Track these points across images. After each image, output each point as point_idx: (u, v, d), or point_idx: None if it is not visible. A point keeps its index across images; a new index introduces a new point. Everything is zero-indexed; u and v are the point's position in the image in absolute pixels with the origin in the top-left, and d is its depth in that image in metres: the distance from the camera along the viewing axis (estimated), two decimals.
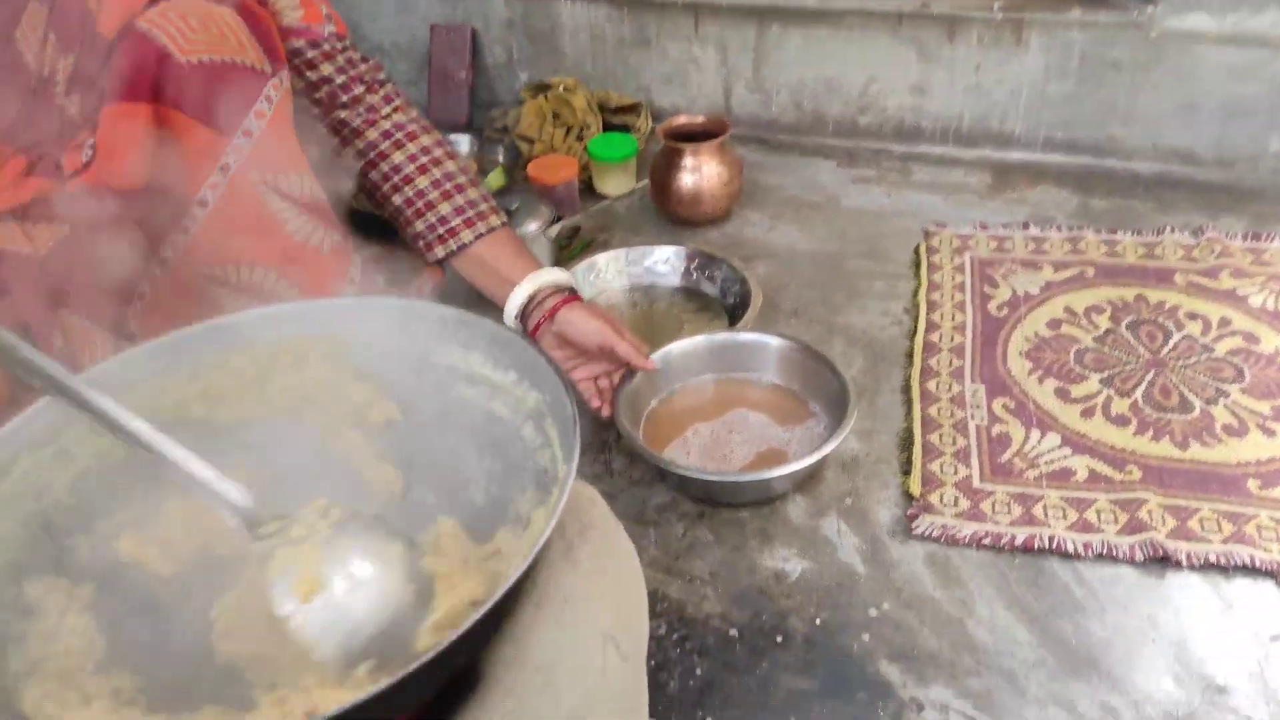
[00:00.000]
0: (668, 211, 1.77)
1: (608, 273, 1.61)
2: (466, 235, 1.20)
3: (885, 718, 0.97)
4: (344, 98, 1.17)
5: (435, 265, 1.24)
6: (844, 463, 1.25)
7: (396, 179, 1.20)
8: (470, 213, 1.21)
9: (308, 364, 0.71)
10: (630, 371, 1.26)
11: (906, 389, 1.35)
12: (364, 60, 1.21)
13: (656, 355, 1.29)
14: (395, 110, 1.21)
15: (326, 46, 1.17)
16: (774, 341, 1.33)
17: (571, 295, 1.23)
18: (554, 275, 1.22)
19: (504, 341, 0.66)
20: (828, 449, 1.15)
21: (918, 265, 1.60)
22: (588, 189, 1.93)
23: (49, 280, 0.97)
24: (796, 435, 1.26)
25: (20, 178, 1.00)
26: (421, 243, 1.21)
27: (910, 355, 1.41)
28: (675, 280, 1.60)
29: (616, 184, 1.90)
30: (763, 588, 1.11)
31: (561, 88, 2.04)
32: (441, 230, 1.20)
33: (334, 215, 1.18)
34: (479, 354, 0.67)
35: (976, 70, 1.81)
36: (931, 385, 1.35)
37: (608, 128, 2.05)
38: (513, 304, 1.21)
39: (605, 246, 1.72)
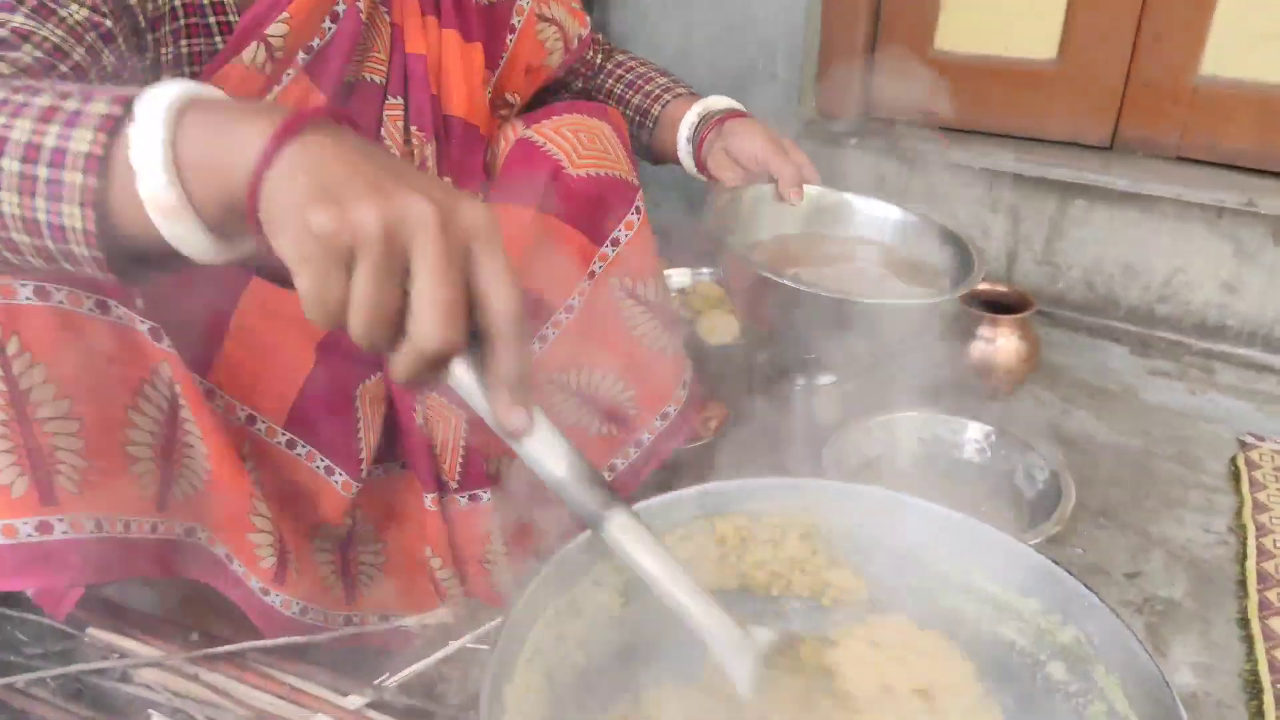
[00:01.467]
0: (957, 379, 1.72)
1: (901, 433, 1.57)
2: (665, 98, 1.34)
3: None
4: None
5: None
6: (1182, 698, 1.16)
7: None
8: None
9: (786, 540, 0.70)
10: None
11: (1244, 623, 1.25)
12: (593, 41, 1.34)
13: None
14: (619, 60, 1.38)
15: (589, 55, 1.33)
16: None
17: (738, 113, 1.30)
18: (726, 101, 1.33)
19: (1028, 564, 0.60)
20: None
21: (1237, 479, 1.50)
22: None
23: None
24: None
25: None
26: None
27: (1243, 584, 1.31)
28: (973, 457, 1.55)
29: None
30: None
31: None
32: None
33: (677, 321, 1.20)
34: (983, 568, 0.64)
35: None
36: (1274, 624, 1.24)
37: None
38: (686, 123, 1.30)
39: (888, 408, 1.68)
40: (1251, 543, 1.37)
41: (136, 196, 0.55)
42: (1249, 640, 1.22)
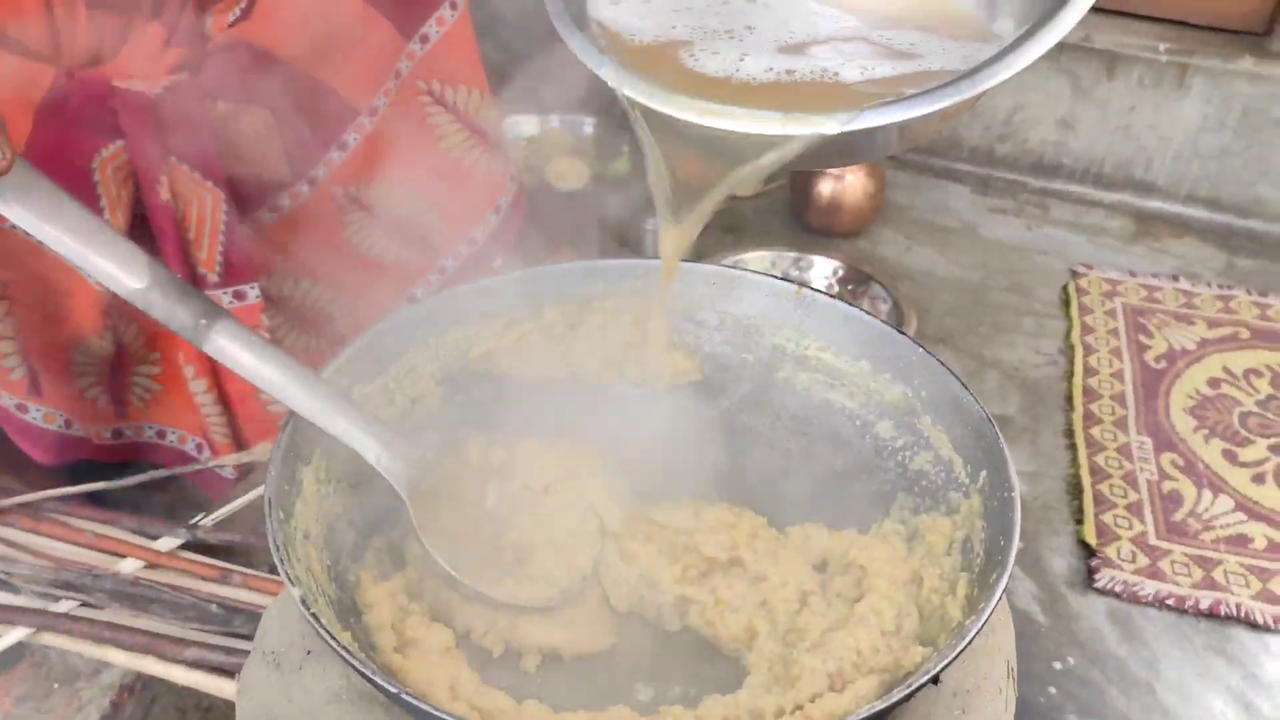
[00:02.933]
0: (803, 219, 1.72)
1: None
2: None
3: None
4: None
5: None
6: None
7: None
8: None
9: (618, 324, 0.66)
10: None
11: (1069, 433, 1.31)
12: None
13: None
14: None
15: None
16: None
17: None
18: None
19: (861, 328, 0.59)
20: None
21: (1067, 305, 1.56)
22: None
23: (159, 121, 0.87)
24: None
25: (159, 49, 0.91)
26: None
27: (1070, 399, 1.37)
28: None
29: (745, 183, 1.85)
30: None
31: None
32: None
33: (502, 145, 1.12)
34: (818, 338, 0.62)
35: (1130, 111, 1.77)
36: (1096, 432, 1.31)
37: None
38: None
39: (734, 248, 1.67)
40: (1079, 361, 1.43)
41: None
42: (1073, 449, 1.28)
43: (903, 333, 0.58)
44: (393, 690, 0.39)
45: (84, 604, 0.84)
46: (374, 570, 0.53)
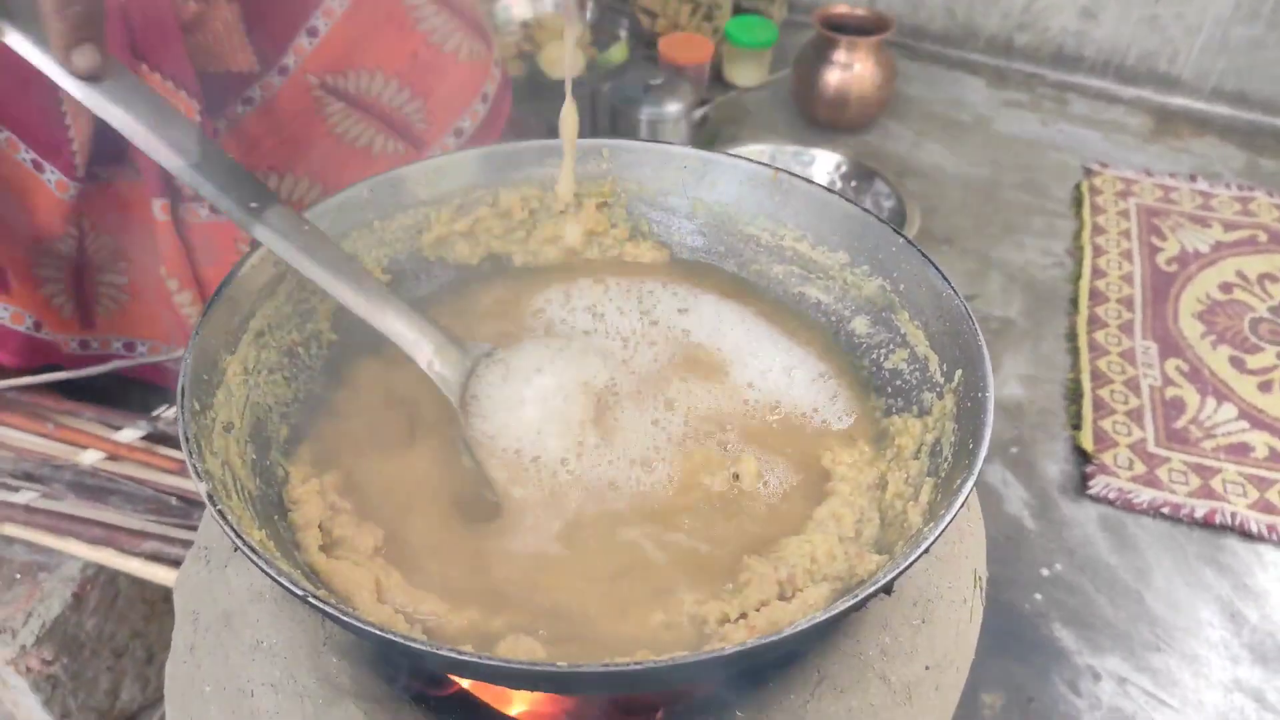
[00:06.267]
0: (808, 111, 1.65)
1: None
2: None
3: (1060, 683, 0.92)
4: None
5: None
6: (1008, 408, 1.18)
7: None
8: None
9: (581, 210, 0.62)
10: None
11: (1072, 337, 1.27)
12: None
13: None
14: None
15: None
16: None
17: None
18: None
19: (840, 216, 0.54)
20: None
21: (1079, 204, 1.50)
22: (714, 76, 1.79)
23: (129, 28, 0.83)
24: None
25: None
26: None
27: (1075, 301, 1.32)
28: None
29: (749, 73, 1.76)
30: None
31: None
32: None
33: (484, 24, 1.05)
34: (795, 226, 0.57)
35: (1157, 1, 1.67)
36: (1100, 336, 1.26)
37: (737, 11, 1.90)
38: None
39: (733, 141, 1.60)
40: (1087, 263, 1.38)
41: None
42: (1075, 353, 1.24)
43: (882, 221, 0.53)
44: (297, 592, 0.36)
45: (44, 495, 0.82)
46: (306, 467, 0.50)
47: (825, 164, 1.48)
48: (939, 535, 0.40)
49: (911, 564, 0.39)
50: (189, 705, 0.48)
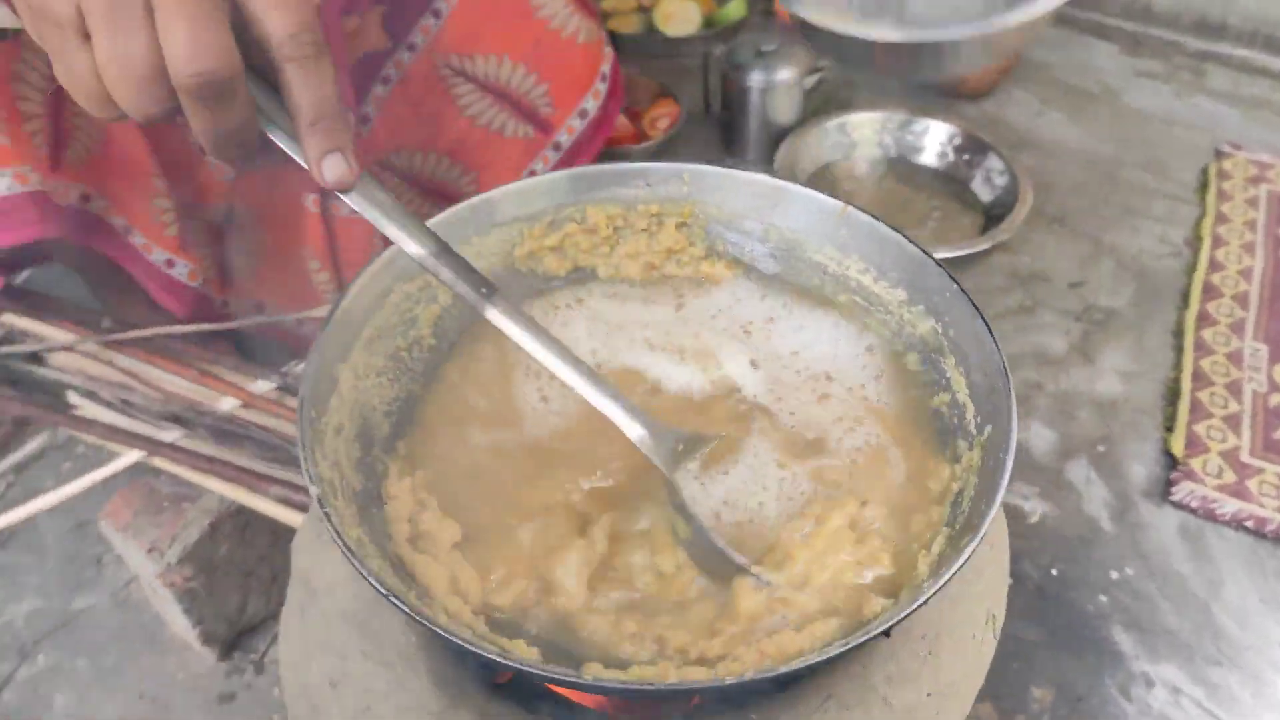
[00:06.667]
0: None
1: (860, 136, 1.49)
2: None
3: (1112, 685, 0.95)
4: None
5: None
6: (1100, 404, 1.17)
7: None
8: None
9: (663, 229, 0.66)
10: None
11: (1179, 333, 1.24)
12: None
13: None
14: None
15: None
16: None
17: None
18: None
19: (898, 254, 0.57)
20: None
21: (1205, 190, 1.44)
22: None
23: None
24: None
25: None
26: None
27: (1187, 295, 1.29)
28: (932, 160, 1.48)
29: None
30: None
31: None
32: None
33: (593, 5, 1.09)
34: (860, 258, 0.60)
35: None
36: (1208, 335, 1.23)
37: None
38: None
39: (847, 106, 1.59)
40: (1205, 254, 1.34)
41: None
42: (1179, 350, 1.22)
43: (940, 265, 0.56)
44: (381, 590, 0.43)
45: (187, 435, 0.94)
46: (401, 463, 0.57)
47: (938, 135, 1.47)
48: (937, 591, 0.44)
49: (910, 614, 0.43)
50: (295, 658, 0.56)
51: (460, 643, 0.42)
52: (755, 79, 1.45)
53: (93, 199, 0.88)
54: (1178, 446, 1.11)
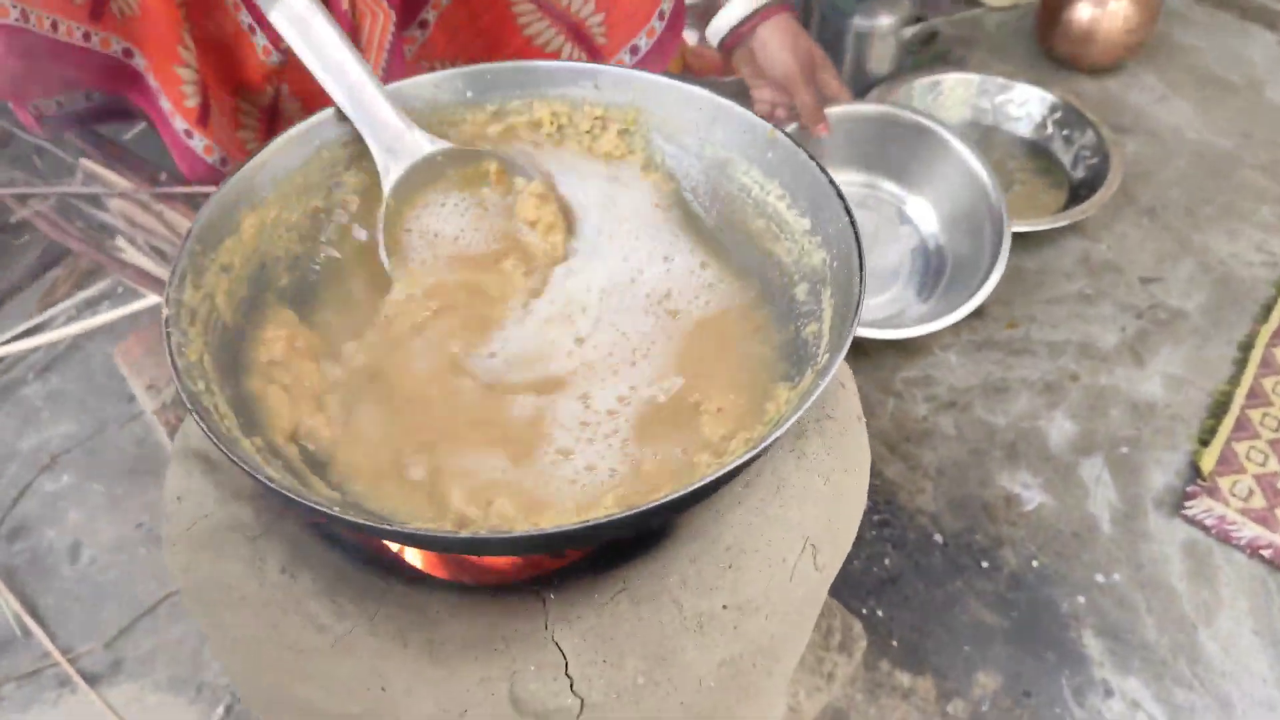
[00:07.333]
0: (1048, 43, 1.52)
1: (951, 98, 1.43)
2: None
3: (1067, 687, 0.90)
4: None
5: None
6: (1136, 406, 1.10)
7: None
8: None
9: (606, 134, 0.66)
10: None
11: (1246, 347, 1.14)
12: None
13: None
14: None
15: None
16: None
17: (779, 7, 1.14)
18: None
19: (811, 182, 0.56)
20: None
21: None
22: None
23: None
24: None
25: None
26: None
27: (1269, 309, 1.18)
28: (1025, 130, 1.40)
29: None
30: (989, 505, 1.02)
31: None
32: None
33: None
34: (779, 185, 0.59)
35: None
36: (1279, 353, 1.13)
37: None
38: (722, 21, 1.15)
39: (960, 65, 1.51)
40: None
41: None
42: (1241, 364, 1.13)
43: (839, 194, 0.53)
44: (188, 405, 0.46)
45: None
46: (287, 313, 0.59)
47: (1036, 104, 1.39)
48: (782, 430, 0.43)
49: (752, 459, 0.43)
50: (175, 490, 0.60)
51: (244, 467, 0.44)
52: (852, 23, 1.40)
53: (134, 55, 0.94)
54: (1208, 462, 1.03)
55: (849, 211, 0.53)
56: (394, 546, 0.59)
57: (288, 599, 0.53)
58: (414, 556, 0.61)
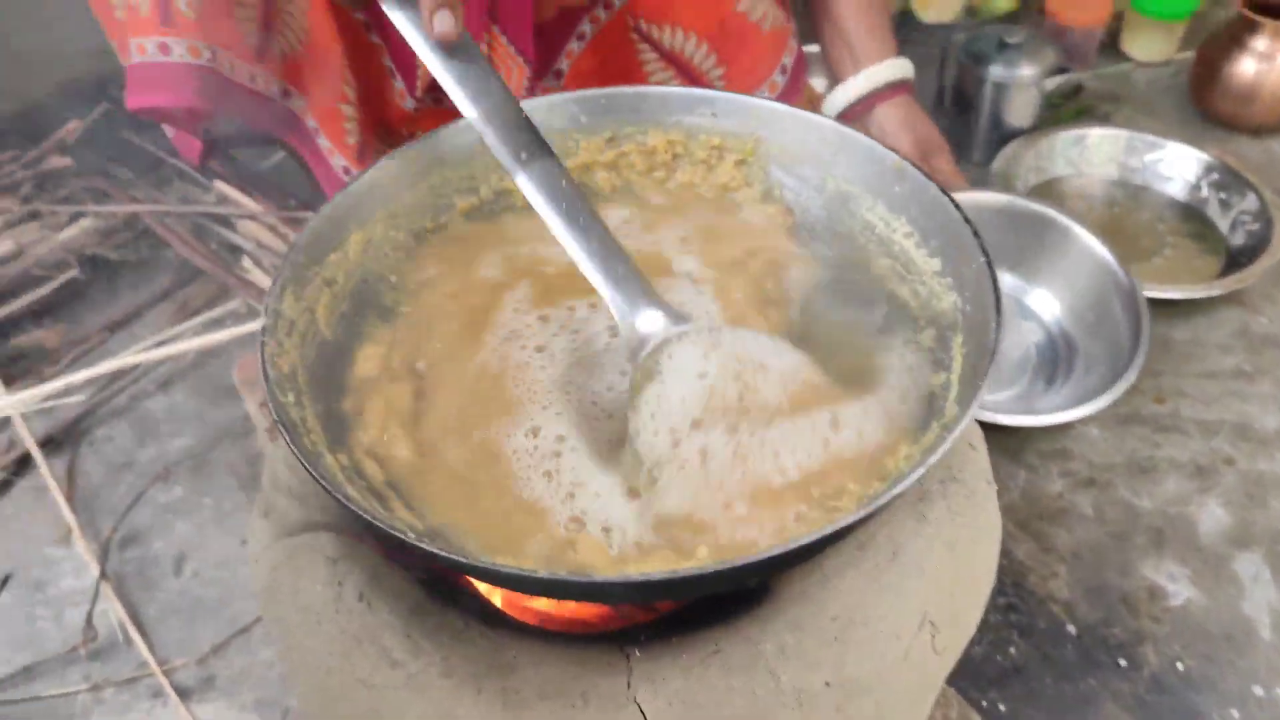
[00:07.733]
0: (1205, 102, 1.42)
1: (1097, 154, 1.34)
2: None
3: None
4: None
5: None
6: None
7: None
8: None
9: (722, 164, 0.63)
10: None
11: None
12: None
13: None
14: None
15: None
16: None
17: (898, 88, 1.12)
18: (893, 70, 1.13)
19: (942, 219, 0.51)
20: None
21: None
22: (1109, 43, 1.60)
23: None
24: None
25: None
26: None
27: None
28: (1178, 192, 1.31)
29: (1151, 47, 1.56)
30: (1129, 596, 0.93)
31: None
32: None
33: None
34: (907, 221, 0.55)
35: None
36: None
37: None
38: (838, 98, 1.14)
39: (1106, 121, 1.43)
40: None
41: None
42: None
43: (975, 231, 0.48)
44: (276, 417, 0.44)
45: None
46: (385, 332, 0.57)
47: (1189, 164, 1.29)
48: (906, 485, 0.37)
49: (868, 517, 0.38)
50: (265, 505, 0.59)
51: (323, 483, 0.42)
52: (992, 72, 1.35)
53: (292, 96, 0.97)
54: None
55: (985, 251, 0.48)
56: (476, 582, 0.56)
57: (363, 629, 0.50)
58: (493, 594, 0.58)
